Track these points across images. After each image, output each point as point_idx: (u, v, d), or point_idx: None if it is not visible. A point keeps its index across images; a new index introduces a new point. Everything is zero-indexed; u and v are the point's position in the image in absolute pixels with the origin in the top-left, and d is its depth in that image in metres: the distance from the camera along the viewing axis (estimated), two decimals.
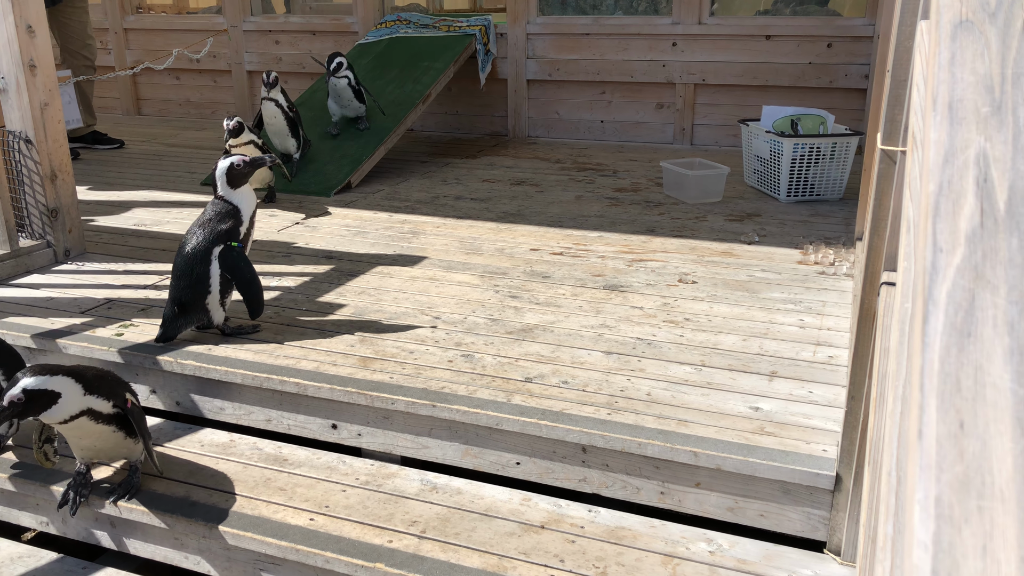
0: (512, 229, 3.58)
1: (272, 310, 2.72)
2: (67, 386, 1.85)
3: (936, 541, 0.46)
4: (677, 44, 5.14)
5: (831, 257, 3.12)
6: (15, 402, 1.80)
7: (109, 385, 1.97)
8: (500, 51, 5.47)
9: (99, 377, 1.95)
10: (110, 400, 1.94)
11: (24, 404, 1.80)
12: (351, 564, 1.81)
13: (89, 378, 1.91)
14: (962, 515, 0.46)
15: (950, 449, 0.49)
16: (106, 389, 1.95)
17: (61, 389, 1.84)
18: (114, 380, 2.01)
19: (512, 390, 2.16)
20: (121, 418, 1.97)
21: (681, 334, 2.49)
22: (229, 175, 2.46)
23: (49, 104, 3.04)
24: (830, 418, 2.01)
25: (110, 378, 2.00)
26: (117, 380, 2.02)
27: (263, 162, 2.51)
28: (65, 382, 1.85)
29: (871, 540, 1.03)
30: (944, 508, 0.47)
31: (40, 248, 3.18)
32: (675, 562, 1.79)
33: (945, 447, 0.49)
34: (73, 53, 5.10)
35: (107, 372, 2.01)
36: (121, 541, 2.11)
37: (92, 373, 1.94)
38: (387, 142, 4.50)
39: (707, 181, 3.94)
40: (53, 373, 1.84)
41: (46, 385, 1.82)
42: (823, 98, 4.90)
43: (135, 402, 2.04)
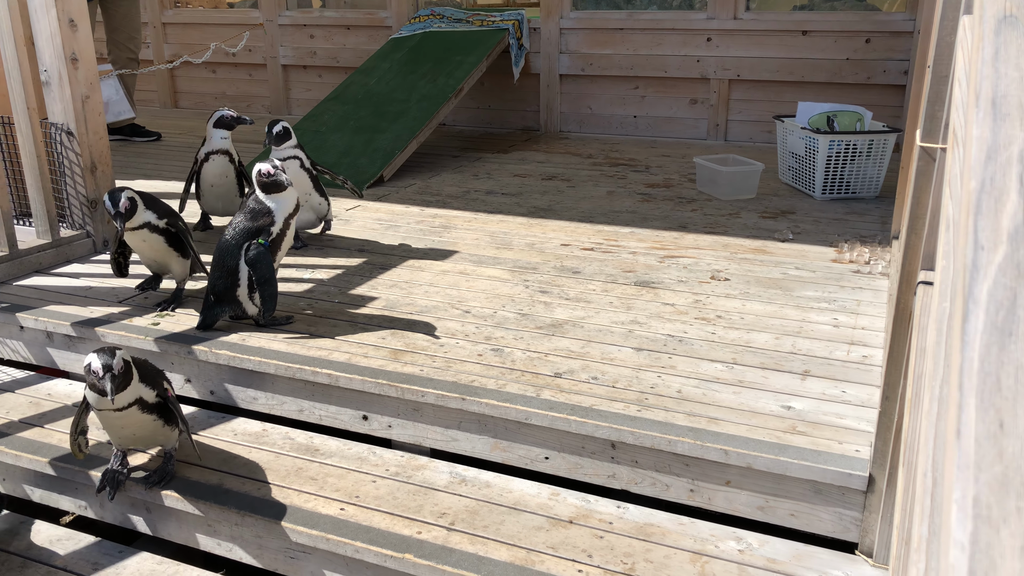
0: (543, 224, 3.58)
1: (305, 302, 2.74)
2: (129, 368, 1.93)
3: (973, 541, 0.45)
4: (712, 39, 5.10)
5: (866, 255, 3.07)
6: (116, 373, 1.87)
7: (151, 374, 2.02)
8: (533, 46, 5.46)
9: (143, 365, 2.01)
10: (154, 389, 1.99)
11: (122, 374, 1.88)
12: (380, 554, 1.82)
13: (140, 365, 1.98)
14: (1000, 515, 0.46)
15: (989, 449, 0.48)
16: (150, 378, 2.00)
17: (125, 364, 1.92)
18: (153, 369, 2.06)
19: (541, 385, 2.16)
20: (161, 406, 2.02)
21: (713, 331, 2.48)
22: (259, 183, 2.51)
23: (90, 97, 3.10)
24: (863, 418, 1.99)
25: (150, 367, 2.04)
26: (156, 369, 2.07)
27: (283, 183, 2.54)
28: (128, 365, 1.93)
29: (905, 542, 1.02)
30: (982, 508, 0.46)
31: (80, 238, 3.24)
32: (704, 560, 1.78)
33: (984, 447, 0.48)
34: (118, 44, 5.19)
35: (145, 361, 2.06)
36: (156, 526, 2.15)
37: (139, 360, 1.99)
38: (419, 136, 4.52)
39: (740, 177, 3.91)
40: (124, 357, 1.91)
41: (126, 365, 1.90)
42: (860, 94, 4.83)
43: (172, 391, 2.08)
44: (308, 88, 6.28)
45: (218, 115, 3.40)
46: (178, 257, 2.66)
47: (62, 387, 2.64)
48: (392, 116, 4.67)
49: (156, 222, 2.56)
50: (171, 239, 2.61)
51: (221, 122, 3.41)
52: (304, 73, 6.28)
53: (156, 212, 2.57)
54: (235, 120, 3.41)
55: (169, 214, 2.61)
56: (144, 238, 2.58)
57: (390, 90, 4.93)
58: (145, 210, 2.55)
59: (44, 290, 2.90)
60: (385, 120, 4.66)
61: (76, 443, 2.12)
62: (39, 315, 2.67)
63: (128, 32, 5.22)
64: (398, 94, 4.86)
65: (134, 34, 5.26)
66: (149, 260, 2.71)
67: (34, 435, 2.34)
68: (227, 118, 3.41)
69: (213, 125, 3.42)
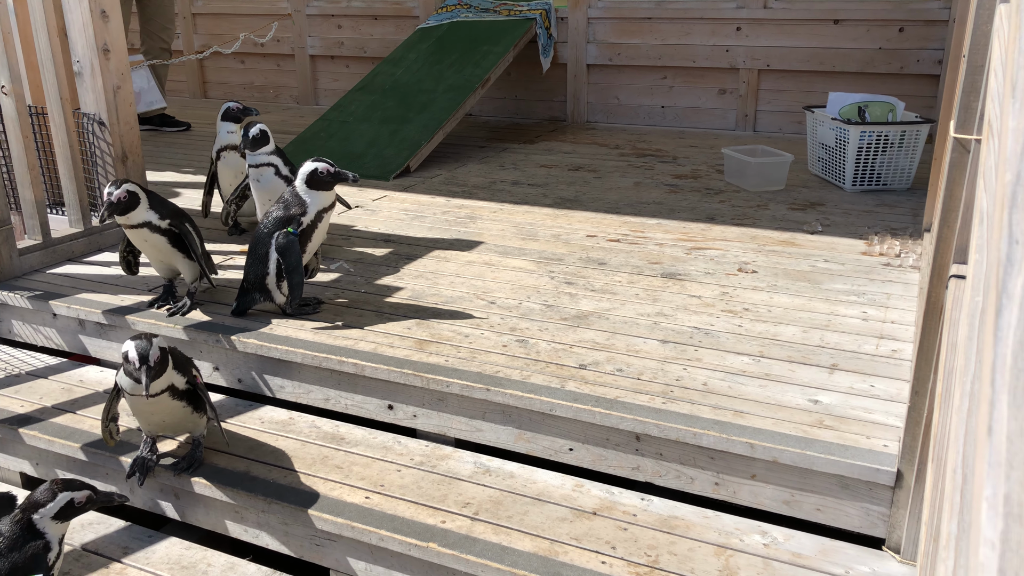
0: (569, 215, 3.57)
1: (332, 291, 2.76)
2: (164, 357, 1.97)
3: (1004, 539, 0.45)
4: (741, 28, 5.04)
5: (897, 248, 3.03)
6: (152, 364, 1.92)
7: (181, 361, 2.05)
8: (560, 35, 5.44)
9: (173, 353, 2.03)
10: (184, 376, 2.02)
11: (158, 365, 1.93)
12: (405, 543, 1.84)
13: (172, 352, 2.01)
14: None
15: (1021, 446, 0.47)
16: (181, 365, 2.03)
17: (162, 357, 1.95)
18: (183, 356, 2.09)
19: (566, 376, 2.16)
20: (190, 393, 2.04)
21: (740, 324, 2.46)
22: (309, 178, 2.53)
23: (121, 87, 3.13)
24: (892, 413, 1.97)
25: (179, 354, 2.07)
26: (185, 356, 2.10)
27: (346, 177, 2.54)
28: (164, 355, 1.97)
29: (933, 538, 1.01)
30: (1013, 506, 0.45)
31: (111, 227, 3.28)
32: (728, 553, 1.77)
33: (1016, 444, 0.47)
34: (151, 34, 5.24)
35: (175, 350, 2.08)
36: (184, 512, 2.18)
37: (168, 349, 2.02)
38: (446, 126, 4.52)
39: (769, 168, 3.86)
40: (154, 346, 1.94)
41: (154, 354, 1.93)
42: (893, 84, 4.76)
43: (200, 379, 2.11)
44: (335, 78, 6.31)
45: (223, 108, 3.30)
46: (184, 259, 2.59)
47: (94, 374, 2.68)
48: (419, 106, 4.68)
49: (158, 222, 2.49)
50: (175, 240, 2.54)
51: (228, 115, 3.30)
52: (331, 63, 6.31)
53: (159, 212, 2.50)
54: (241, 111, 3.30)
55: (175, 215, 2.54)
56: (145, 238, 2.51)
57: (417, 80, 4.93)
58: (148, 210, 2.48)
59: (76, 278, 2.95)
60: (412, 110, 4.67)
61: (107, 430, 2.15)
62: (71, 303, 2.72)
63: (161, 23, 5.27)
64: (425, 84, 4.86)
65: (167, 24, 5.31)
66: (156, 262, 2.63)
67: (66, 421, 2.38)
68: (233, 110, 3.29)
69: (220, 119, 3.32)
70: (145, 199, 2.50)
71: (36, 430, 2.33)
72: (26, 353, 2.83)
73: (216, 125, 3.33)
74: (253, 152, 2.97)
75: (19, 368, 2.71)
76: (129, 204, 2.44)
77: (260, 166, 2.99)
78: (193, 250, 2.57)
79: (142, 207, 2.49)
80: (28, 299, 2.77)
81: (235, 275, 2.90)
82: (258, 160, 2.98)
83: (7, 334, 2.92)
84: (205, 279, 2.67)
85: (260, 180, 2.99)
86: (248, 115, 3.31)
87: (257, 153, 2.97)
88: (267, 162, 2.98)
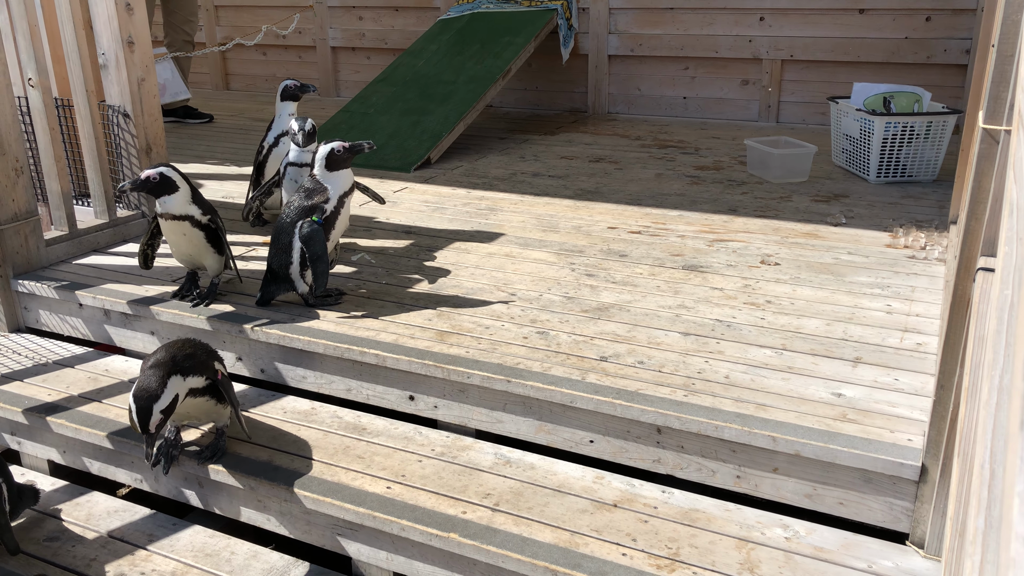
0: (590, 207, 3.56)
1: (353, 283, 2.77)
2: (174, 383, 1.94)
3: None
4: (765, 19, 4.99)
5: (922, 241, 3.00)
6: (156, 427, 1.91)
7: (200, 361, 2.03)
8: (581, 26, 5.41)
9: (190, 356, 2.01)
10: (203, 375, 2.02)
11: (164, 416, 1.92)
12: (426, 533, 1.85)
13: (182, 363, 1.98)
14: None
15: None
16: (199, 367, 2.02)
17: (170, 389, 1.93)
18: (204, 353, 2.08)
19: (587, 368, 2.16)
20: (212, 388, 2.06)
21: (762, 317, 2.44)
22: (328, 160, 2.54)
23: (146, 79, 3.16)
24: (917, 407, 1.95)
25: (200, 353, 2.06)
26: (207, 352, 2.10)
27: (361, 148, 2.55)
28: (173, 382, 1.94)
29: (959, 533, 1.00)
30: None
31: (136, 218, 3.31)
32: (749, 546, 1.76)
33: None
34: (174, 27, 5.28)
35: (196, 346, 2.08)
36: (208, 501, 2.20)
37: (184, 354, 2.00)
38: (467, 118, 4.52)
39: (792, 160, 3.83)
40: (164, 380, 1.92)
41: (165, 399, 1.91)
42: (919, 74, 4.69)
43: (223, 371, 2.12)
44: (356, 70, 6.32)
45: (282, 86, 3.20)
46: (214, 253, 2.61)
47: (119, 363, 2.71)
48: (440, 98, 4.68)
49: (200, 217, 2.52)
50: (211, 236, 2.58)
51: (287, 93, 3.19)
52: (353, 55, 6.32)
53: (201, 208, 2.53)
54: (299, 88, 3.19)
55: (212, 211, 2.57)
56: (185, 231, 2.52)
57: (438, 72, 4.93)
58: (191, 203, 2.51)
59: (102, 269, 2.98)
60: (433, 102, 4.67)
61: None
62: (97, 293, 2.75)
63: (184, 15, 5.30)
64: (446, 76, 4.86)
65: (190, 17, 5.34)
66: (184, 255, 2.62)
67: (92, 409, 2.41)
68: (292, 87, 3.18)
69: (280, 99, 3.21)
70: (188, 191, 2.50)
71: (63, 418, 2.36)
72: (53, 342, 2.87)
73: (276, 107, 3.21)
74: (303, 148, 2.89)
75: (46, 357, 2.75)
76: (159, 187, 2.43)
77: (304, 166, 2.91)
78: (226, 245, 2.61)
79: (182, 197, 2.48)
80: (55, 289, 2.81)
81: (257, 266, 2.92)
82: (304, 159, 2.91)
83: (35, 324, 2.96)
84: (229, 271, 2.69)
85: (299, 181, 2.91)
86: (306, 92, 3.21)
87: (305, 151, 2.91)
88: (311, 163, 2.87)
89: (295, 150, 2.94)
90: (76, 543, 2.12)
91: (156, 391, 1.90)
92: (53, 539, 2.14)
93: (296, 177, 2.95)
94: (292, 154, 2.94)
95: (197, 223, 2.53)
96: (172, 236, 2.56)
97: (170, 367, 1.95)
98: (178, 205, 2.49)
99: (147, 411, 1.89)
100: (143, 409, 1.89)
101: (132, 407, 1.89)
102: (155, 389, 1.90)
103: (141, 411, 1.89)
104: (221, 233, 2.59)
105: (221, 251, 2.63)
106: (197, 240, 2.56)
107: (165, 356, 1.97)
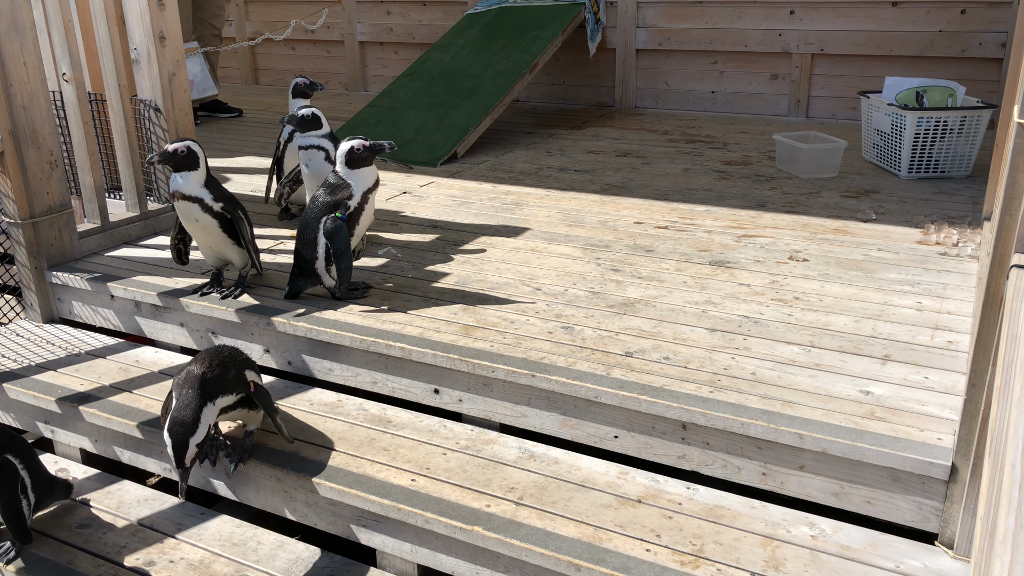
0: (616, 201, 3.54)
1: (380, 276, 2.79)
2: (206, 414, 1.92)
3: None
4: (795, 12, 4.94)
5: (954, 237, 2.95)
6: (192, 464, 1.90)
7: (229, 379, 2.00)
8: (609, 20, 5.39)
9: (219, 377, 1.98)
10: (233, 392, 2.01)
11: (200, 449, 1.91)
12: (450, 525, 1.85)
13: (212, 387, 1.95)
14: None
15: None
16: (228, 385, 1.99)
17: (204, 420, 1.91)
18: (235, 367, 2.04)
19: (612, 364, 2.15)
20: (244, 400, 2.05)
21: (790, 313, 2.42)
22: (348, 157, 2.55)
23: (176, 74, 3.19)
24: (947, 406, 1.92)
25: (230, 368, 2.02)
26: (238, 364, 2.06)
27: (382, 148, 2.55)
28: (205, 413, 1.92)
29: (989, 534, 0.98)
30: None
31: (166, 211, 3.36)
32: (775, 544, 1.75)
33: None
34: (202, 22, 5.34)
35: (227, 358, 2.04)
36: (236, 491, 2.23)
37: (214, 374, 1.97)
38: (493, 112, 4.52)
39: (822, 155, 3.79)
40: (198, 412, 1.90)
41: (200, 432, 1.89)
42: (953, 68, 4.62)
43: (257, 381, 2.10)
44: (384, 64, 6.35)
45: (292, 83, 3.35)
46: (234, 246, 2.60)
47: (149, 355, 2.75)
48: (466, 92, 4.68)
49: (211, 203, 2.50)
50: (226, 225, 2.56)
51: (297, 90, 3.31)
52: (380, 49, 6.34)
53: (214, 194, 2.51)
54: (308, 86, 3.30)
55: (228, 200, 2.56)
56: (197, 216, 2.51)
57: (465, 66, 4.93)
58: (203, 187, 2.49)
59: (133, 261, 3.03)
60: (459, 96, 4.67)
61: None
62: (128, 285, 2.79)
63: (212, 10, 5.35)
64: (473, 70, 4.86)
65: (218, 12, 5.39)
66: (205, 247, 2.63)
67: (123, 399, 2.45)
68: (301, 85, 3.29)
69: (291, 95, 3.35)
70: (204, 171, 2.51)
71: (95, 408, 2.40)
72: (85, 333, 2.91)
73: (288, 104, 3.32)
74: (302, 133, 2.95)
75: (79, 347, 2.80)
76: (185, 161, 2.45)
77: (309, 148, 2.96)
78: (243, 236, 2.60)
79: (198, 177, 2.49)
80: (87, 281, 2.85)
81: (285, 259, 2.94)
82: (307, 142, 2.96)
83: (68, 315, 3.01)
84: (254, 266, 2.71)
85: (309, 165, 2.98)
86: (315, 90, 3.29)
87: (307, 135, 2.95)
88: (317, 145, 2.95)
89: (299, 135, 2.98)
90: (106, 530, 2.16)
91: (191, 425, 1.88)
92: (84, 526, 2.18)
93: (307, 161, 2.98)
94: (299, 139, 2.98)
95: (208, 208, 2.51)
96: (188, 224, 2.57)
97: (202, 395, 1.92)
98: (191, 185, 2.48)
99: (183, 445, 1.87)
100: (179, 444, 1.87)
101: (168, 442, 1.87)
102: (190, 423, 1.88)
103: (178, 446, 1.87)
104: (238, 224, 2.57)
105: (240, 243, 2.62)
106: (212, 229, 2.55)
107: (196, 378, 1.94)
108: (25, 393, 2.53)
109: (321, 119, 2.96)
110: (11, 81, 2.72)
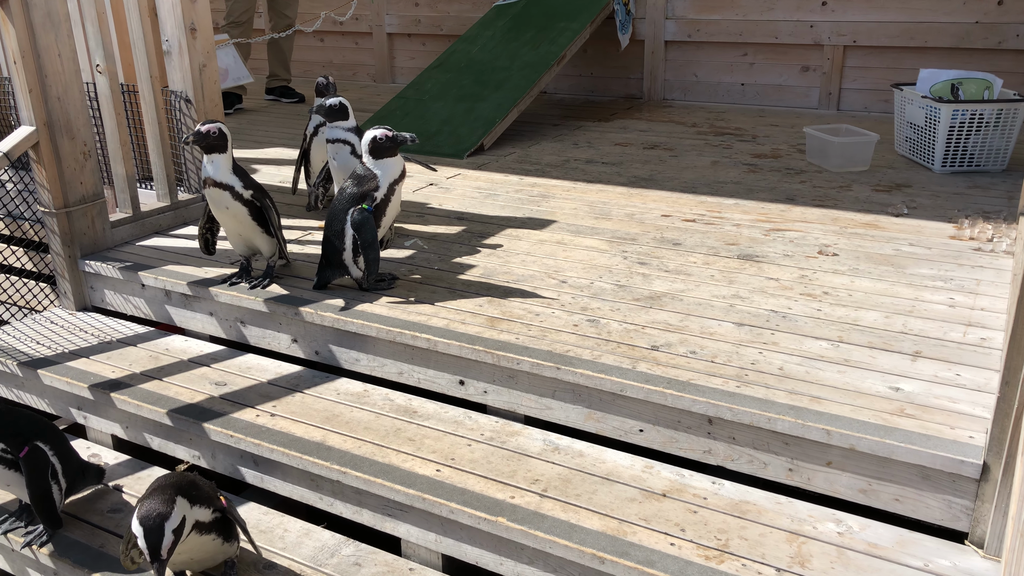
0: (643, 194, 3.52)
1: (406, 268, 2.80)
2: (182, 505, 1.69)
3: None
4: (827, 3, 4.87)
5: (989, 232, 2.90)
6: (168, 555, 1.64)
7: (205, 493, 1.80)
8: (638, 11, 5.35)
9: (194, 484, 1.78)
10: (209, 507, 1.79)
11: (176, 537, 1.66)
12: (474, 516, 1.86)
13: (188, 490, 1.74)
14: None
15: None
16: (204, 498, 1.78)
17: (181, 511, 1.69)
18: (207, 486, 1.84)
19: (637, 357, 2.14)
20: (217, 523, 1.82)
21: (819, 308, 2.39)
22: (372, 147, 2.55)
23: (207, 65, 3.22)
24: (979, 403, 1.89)
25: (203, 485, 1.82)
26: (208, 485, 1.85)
27: (404, 140, 2.55)
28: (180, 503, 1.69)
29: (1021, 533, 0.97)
30: None
31: (196, 201, 3.39)
32: (801, 540, 1.74)
33: None
34: (278, 12, 5.63)
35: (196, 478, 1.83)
36: (263, 478, 2.25)
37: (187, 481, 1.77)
38: (520, 104, 4.51)
39: (853, 148, 3.74)
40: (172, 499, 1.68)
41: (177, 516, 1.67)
42: (990, 60, 4.53)
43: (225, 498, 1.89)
44: (412, 56, 6.35)
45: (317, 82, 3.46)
46: (263, 234, 2.63)
47: (178, 343, 2.78)
48: (494, 84, 4.68)
49: (241, 190, 2.53)
50: (255, 213, 2.59)
51: (318, 89, 3.45)
52: (408, 41, 6.35)
53: (244, 181, 2.55)
54: (325, 87, 3.43)
55: (257, 188, 2.59)
56: (227, 204, 2.54)
57: (492, 58, 4.92)
58: (232, 174, 2.53)
59: (163, 250, 3.06)
60: (487, 88, 4.67)
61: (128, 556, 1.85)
62: (158, 274, 2.82)
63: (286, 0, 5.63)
64: (500, 62, 4.85)
65: (292, 2, 5.66)
66: (235, 236, 2.65)
67: (153, 387, 2.48)
68: (320, 84, 3.43)
69: (316, 93, 3.46)
70: (230, 159, 2.54)
71: (126, 395, 2.44)
72: (117, 321, 2.96)
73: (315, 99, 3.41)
74: (330, 124, 2.93)
75: (111, 336, 2.84)
76: (216, 142, 2.49)
77: (336, 142, 2.95)
78: (272, 223, 2.62)
79: (226, 162, 2.52)
80: (119, 270, 2.90)
81: (312, 250, 2.96)
82: (335, 135, 2.94)
83: (100, 303, 3.06)
84: (282, 256, 2.72)
85: (336, 158, 2.98)
86: (329, 92, 3.38)
87: (334, 127, 2.93)
88: (343, 139, 2.93)
89: (327, 126, 2.97)
90: None
91: (165, 510, 1.64)
92: (116, 511, 2.21)
93: (334, 154, 2.97)
94: (327, 132, 2.98)
95: (239, 196, 2.54)
96: (218, 213, 2.60)
97: (175, 489, 1.71)
98: (222, 172, 2.51)
99: (159, 531, 1.61)
100: (153, 530, 1.61)
101: (139, 533, 1.62)
102: (163, 509, 1.64)
103: (151, 532, 1.61)
104: (267, 212, 2.60)
105: (269, 231, 2.65)
106: (242, 216, 2.58)
107: (166, 483, 1.73)
108: (59, 379, 2.57)
109: (348, 109, 2.96)
110: (46, 72, 2.76)
